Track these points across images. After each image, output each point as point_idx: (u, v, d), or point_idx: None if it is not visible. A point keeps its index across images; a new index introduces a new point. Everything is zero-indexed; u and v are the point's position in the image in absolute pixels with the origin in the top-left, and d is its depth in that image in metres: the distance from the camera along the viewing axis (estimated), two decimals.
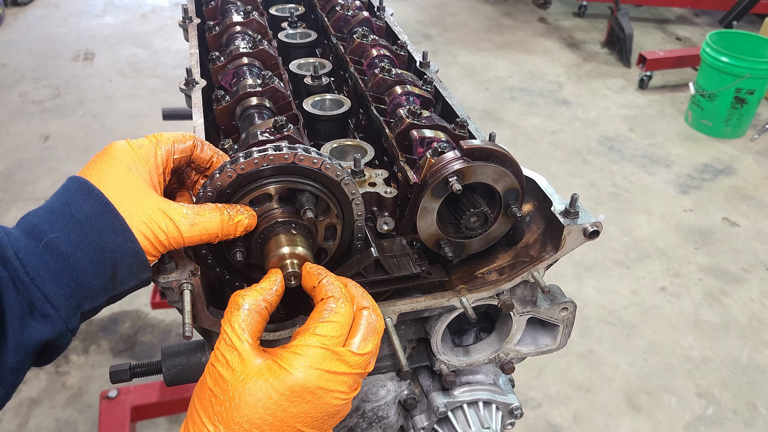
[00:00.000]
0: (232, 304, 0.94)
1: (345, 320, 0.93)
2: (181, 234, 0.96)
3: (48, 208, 0.93)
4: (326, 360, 0.88)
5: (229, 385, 0.86)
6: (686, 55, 6.48)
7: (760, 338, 3.86)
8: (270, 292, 0.96)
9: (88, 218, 0.91)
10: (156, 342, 3.66)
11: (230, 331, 0.90)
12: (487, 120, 5.93)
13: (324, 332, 0.90)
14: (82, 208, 0.92)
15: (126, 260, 0.92)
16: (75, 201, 0.92)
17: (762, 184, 5.24)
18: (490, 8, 8.36)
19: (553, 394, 3.47)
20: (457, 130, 1.34)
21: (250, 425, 0.85)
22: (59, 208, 0.92)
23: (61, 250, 0.88)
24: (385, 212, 1.26)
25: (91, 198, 0.93)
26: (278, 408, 0.85)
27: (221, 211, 1.00)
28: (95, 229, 0.91)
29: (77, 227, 0.90)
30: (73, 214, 0.91)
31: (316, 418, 0.88)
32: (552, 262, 1.19)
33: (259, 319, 0.93)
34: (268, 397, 0.85)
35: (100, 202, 0.93)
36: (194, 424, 0.88)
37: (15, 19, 7.57)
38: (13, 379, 0.87)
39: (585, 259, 4.34)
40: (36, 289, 0.86)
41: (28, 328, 0.86)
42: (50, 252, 0.88)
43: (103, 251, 0.91)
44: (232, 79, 1.55)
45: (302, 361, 0.87)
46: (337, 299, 0.94)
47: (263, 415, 0.85)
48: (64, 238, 0.89)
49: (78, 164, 5.09)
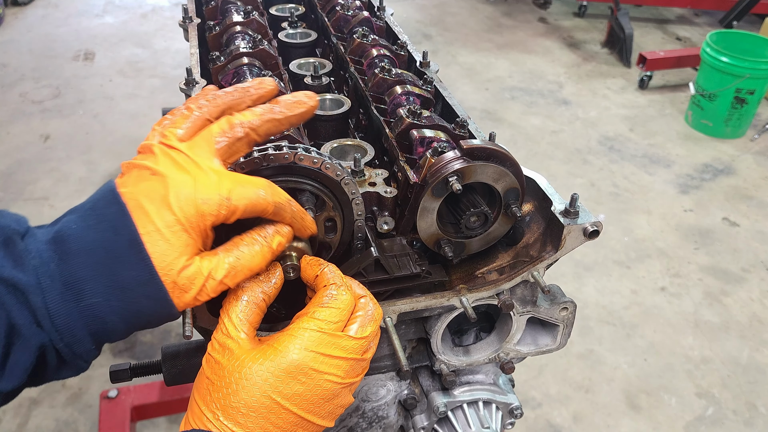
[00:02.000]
0: (231, 296, 0.94)
1: (345, 306, 0.93)
2: (226, 285, 0.92)
3: (89, 252, 0.85)
4: (321, 343, 0.89)
5: (226, 371, 0.87)
6: (686, 55, 6.48)
7: (761, 338, 3.86)
8: (269, 285, 0.96)
9: (130, 286, 0.85)
10: (156, 342, 3.66)
11: (227, 321, 0.91)
12: (487, 120, 5.93)
13: (323, 317, 0.91)
14: (127, 273, 0.85)
15: (159, 321, 0.91)
16: (122, 259, 0.85)
17: (762, 184, 5.24)
18: (490, 8, 8.36)
19: (553, 394, 3.47)
20: (457, 129, 1.34)
21: (247, 409, 0.85)
22: (104, 260, 0.84)
23: (99, 316, 0.85)
24: (385, 212, 1.26)
25: (138, 262, 0.85)
26: (273, 390, 0.86)
27: (258, 242, 0.94)
28: (135, 300, 0.86)
29: (120, 295, 0.85)
30: (116, 279, 0.85)
31: (311, 402, 0.88)
32: (552, 262, 1.19)
33: (257, 310, 0.94)
34: (263, 380, 0.86)
35: (148, 271, 0.85)
36: (193, 414, 0.89)
37: (15, 19, 7.57)
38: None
39: (585, 259, 4.34)
40: (73, 355, 0.87)
41: (55, 377, 0.90)
42: (89, 317, 0.85)
43: (139, 317, 0.88)
44: (232, 79, 1.55)
45: (297, 343, 0.88)
46: (339, 286, 0.95)
47: (259, 398, 0.86)
48: (105, 304, 0.85)
49: (78, 164, 5.09)
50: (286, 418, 0.87)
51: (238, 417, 0.85)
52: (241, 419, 0.85)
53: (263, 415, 0.86)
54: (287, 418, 0.87)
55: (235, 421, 0.85)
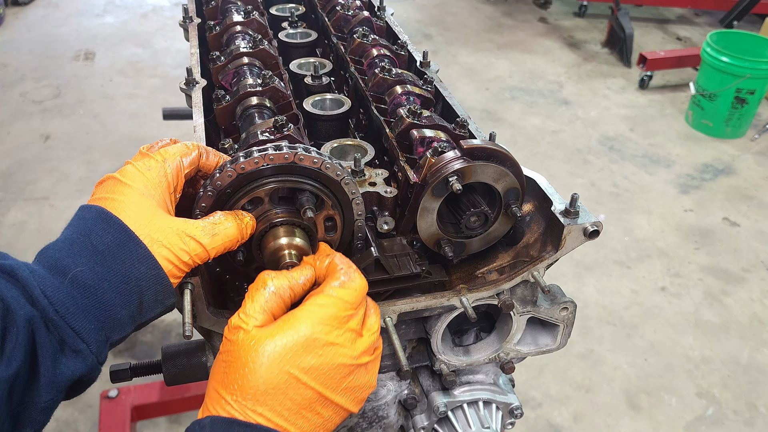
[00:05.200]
0: (259, 281, 0.95)
1: (359, 288, 0.95)
2: (205, 248, 0.96)
3: (67, 241, 0.91)
4: (335, 318, 0.90)
5: (242, 351, 0.87)
6: (687, 55, 6.48)
7: (761, 338, 3.86)
8: (298, 282, 0.97)
9: (110, 249, 0.90)
10: (156, 342, 3.66)
11: (250, 304, 0.92)
12: (488, 120, 5.93)
13: (337, 294, 0.92)
14: (103, 239, 0.90)
15: (151, 288, 0.92)
16: (95, 231, 0.90)
17: (762, 184, 5.24)
18: (490, 8, 8.36)
19: (554, 394, 3.47)
20: (457, 129, 1.34)
21: (266, 386, 0.85)
22: (79, 239, 0.90)
23: (87, 284, 0.87)
24: (386, 212, 1.26)
25: (111, 227, 0.91)
26: (290, 364, 0.86)
27: (233, 215, 1.01)
28: (119, 260, 0.89)
29: (100, 259, 0.89)
30: (95, 245, 0.89)
31: (328, 375, 0.89)
32: (552, 262, 1.19)
33: (281, 304, 0.94)
34: (280, 355, 0.86)
35: (121, 230, 0.91)
36: (211, 399, 0.88)
37: (15, 19, 7.57)
38: (43, 418, 0.87)
39: (585, 258, 4.34)
40: (66, 326, 0.86)
41: (60, 365, 0.86)
42: (77, 287, 0.87)
43: (128, 281, 0.90)
44: (232, 79, 1.55)
45: (312, 317, 0.89)
46: (354, 270, 0.97)
47: (278, 374, 0.86)
48: (89, 272, 0.87)
49: (78, 164, 5.09)
50: (305, 393, 0.87)
51: (258, 395, 0.85)
52: (261, 397, 0.85)
53: (282, 390, 0.86)
54: (306, 394, 0.87)
55: (255, 400, 0.85)
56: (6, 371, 0.80)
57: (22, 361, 0.82)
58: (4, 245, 4.19)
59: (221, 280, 1.14)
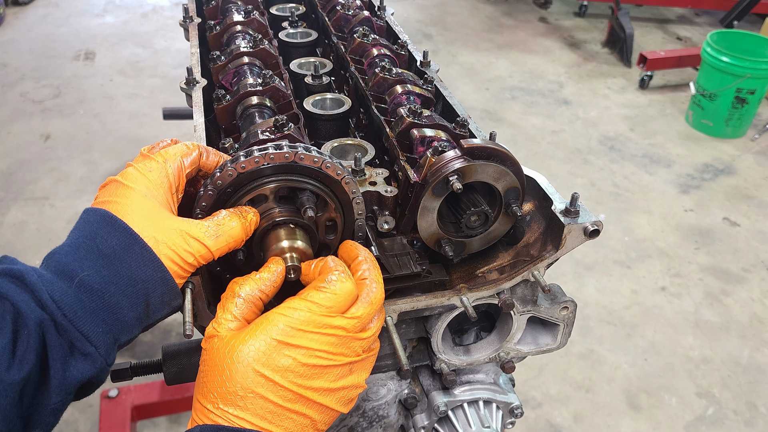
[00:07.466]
0: (228, 291, 0.96)
1: (342, 293, 0.94)
2: (209, 249, 0.97)
3: (73, 245, 0.92)
4: (308, 322, 0.90)
5: (218, 358, 0.88)
6: (687, 55, 6.48)
7: (761, 338, 3.86)
8: (267, 283, 0.98)
9: (116, 252, 0.91)
10: (156, 341, 3.66)
11: (221, 314, 0.94)
12: (488, 119, 5.93)
13: (314, 299, 0.92)
14: (108, 242, 0.91)
15: (158, 290, 0.93)
16: (100, 235, 0.92)
17: (762, 184, 5.24)
18: (490, 8, 8.36)
19: (554, 394, 3.47)
20: (457, 129, 1.34)
21: (244, 390, 0.86)
22: (85, 243, 0.91)
23: (94, 287, 0.88)
24: (386, 211, 1.26)
25: (116, 231, 0.92)
26: (262, 365, 0.87)
27: (237, 214, 1.01)
28: (125, 263, 0.90)
29: (107, 262, 0.90)
30: (101, 248, 0.91)
31: (303, 376, 0.89)
32: (552, 261, 1.19)
33: (254, 308, 0.96)
34: (252, 357, 0.87)
35: (126, 233, 0.92)
36: (196, 410, 0.90)
37: (16, 19, 7.57)
38: (52, 420, 0.88)
39: (585, 258, 4.34)
40: (75, 330, 0.86)
41: (70, 368, 0.87)
42: (84, 291, 0.88)
43: (135, 284, 0.91)
44: (232, 79, 1.55)
45: (282, 320, 0.90)
46: (340, 273, 0.96)
47: (253, 377, 0.86)
48: (96, 275, 0.88)
49: (78, 164, 5.09)
50: (283, 394, 0.88)
51: (237, 400, 0.86)
52: (240, 402, 0.86)
53: (259, 393, 0.86)
54: (284, 395, 0.88)
55: (235, 405, 0.86)
56: (18, 374, 0.81)
57: (34, 364, 0.83)
58: (4, 245, 4.19)
59: (221, 280, 1.14)
